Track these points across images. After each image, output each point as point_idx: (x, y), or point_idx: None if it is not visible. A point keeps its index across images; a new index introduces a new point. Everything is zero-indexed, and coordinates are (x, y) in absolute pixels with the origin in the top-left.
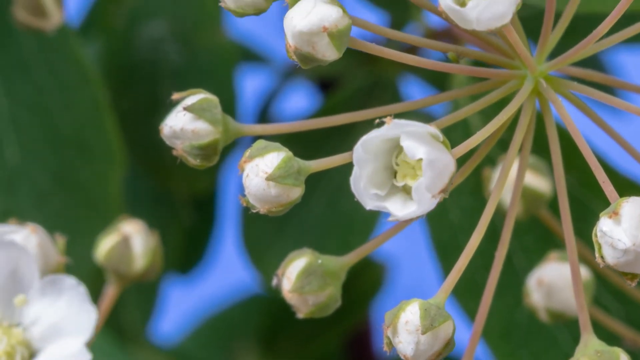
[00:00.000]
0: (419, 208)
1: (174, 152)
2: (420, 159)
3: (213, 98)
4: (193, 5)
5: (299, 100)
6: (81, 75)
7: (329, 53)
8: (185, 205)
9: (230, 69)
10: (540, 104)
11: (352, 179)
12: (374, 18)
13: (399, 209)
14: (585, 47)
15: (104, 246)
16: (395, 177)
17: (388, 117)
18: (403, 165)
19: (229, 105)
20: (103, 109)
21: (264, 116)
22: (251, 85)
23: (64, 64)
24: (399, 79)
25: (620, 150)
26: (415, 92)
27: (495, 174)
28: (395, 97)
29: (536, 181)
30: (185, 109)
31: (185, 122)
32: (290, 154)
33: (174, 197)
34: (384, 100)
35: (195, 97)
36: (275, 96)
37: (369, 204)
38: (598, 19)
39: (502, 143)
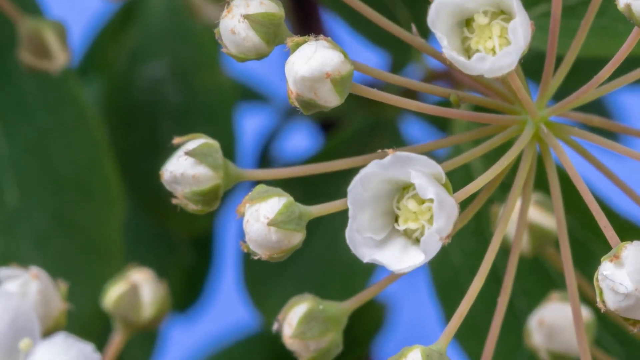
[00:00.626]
0: (427, 256)
1: (174, 201)
2: (425, 204)
3: (214, 143)
4: (193, 46)
5: (300, 140)
6: (80, 116)
7: (331, 99)
8: (184, 244)
9: (230, 109)
10: (541, 148)
11: (347, 231)
12: (374, 58)
13: (398, 258)
14: (587, 93)
15: (113, 294)
16: (396, 221)
17: (390, 150)
18: (405, 210)
19: (229, 146)
20: (102, 151)
21: (264, 156)
22: (252, 124)
23: (64, 105)
24: (399, 119)
25: (620, 191)
26: (416, 132)
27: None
28: (396, 138)
29: (544, 219)
30: (186, 153)
31: (186, 168)
32: (291, 199)
33: (173, 236)
34: (385, 141)
35: (196, 141)
36: (276, 135)
37: (366, 256)
38: (600, 60)
39: (504, 185)
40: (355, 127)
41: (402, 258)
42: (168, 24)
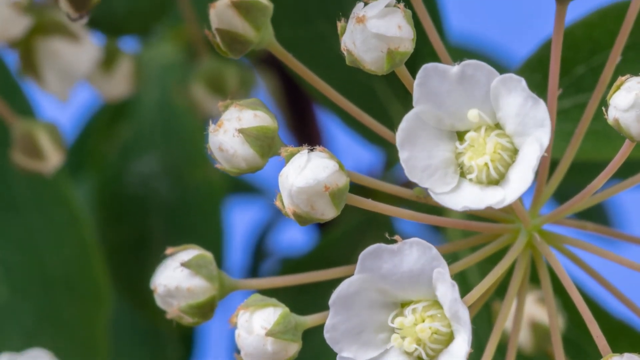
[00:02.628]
0: None
1: (168, 315)
2: (425, 321)
3: (207, 254)
4: (184, 141)
5: (295, 233)
6: (70, 214)
7: (327, 212)
8: (171, 339)
9: (220, 205)
10: (534, 256)
11: None
12: (368, 155)
13: None
14: (581, 201)
15: None
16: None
17: (397, 236)
18: (405, 329)
19: (218, 242)
20: (91, 249)
21: (258, 249)
22: (247, 216)
23: (53, 203)
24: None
25: (616, 281)
26: (410, 228)
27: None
28: (391, 234)
29: (546, 316)
30: (182, 264)
31: (180, 280)
32: (287, 309)
33: (160, 331)
34: (379, 238)
35: (190, 252)
36: (271, 228)
37: None
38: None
39: (499, 286)
40: (350, 224)
41: None
42: (159, 119)
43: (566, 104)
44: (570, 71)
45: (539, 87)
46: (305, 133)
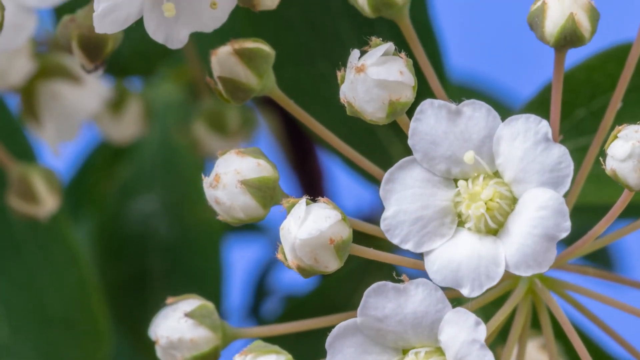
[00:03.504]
0: None
1: None
2: None
3: (209, 304)
4: (184, 180)
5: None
6: (70, 255)
7: (331, 263)
8: None
9: (219, 244)
10: (535, 303)
11: None
12: (370, 193)
13: None
14: (583, 246)
15: None
16: None
17: (404, 275)
18: None
19: (218, 282)
20: (91, 290)
21: (260, 287)
22: (248, 254)
23: (53, 243)
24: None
25: (620, 322)
26: (413, 271)
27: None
28: (397, 275)
29: None
30: (186, 315)
31: (183, 332)
32: (289, 356)
33: None
34: (382, 277)
35: (191, 302)
36: (272, 267)
37: None
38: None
39: (501, 332)
40: (351, 265)
41: None
42: (160, 158)
43: (567, 147)
44: (570, 114)
45: None
46: (307, 172)
